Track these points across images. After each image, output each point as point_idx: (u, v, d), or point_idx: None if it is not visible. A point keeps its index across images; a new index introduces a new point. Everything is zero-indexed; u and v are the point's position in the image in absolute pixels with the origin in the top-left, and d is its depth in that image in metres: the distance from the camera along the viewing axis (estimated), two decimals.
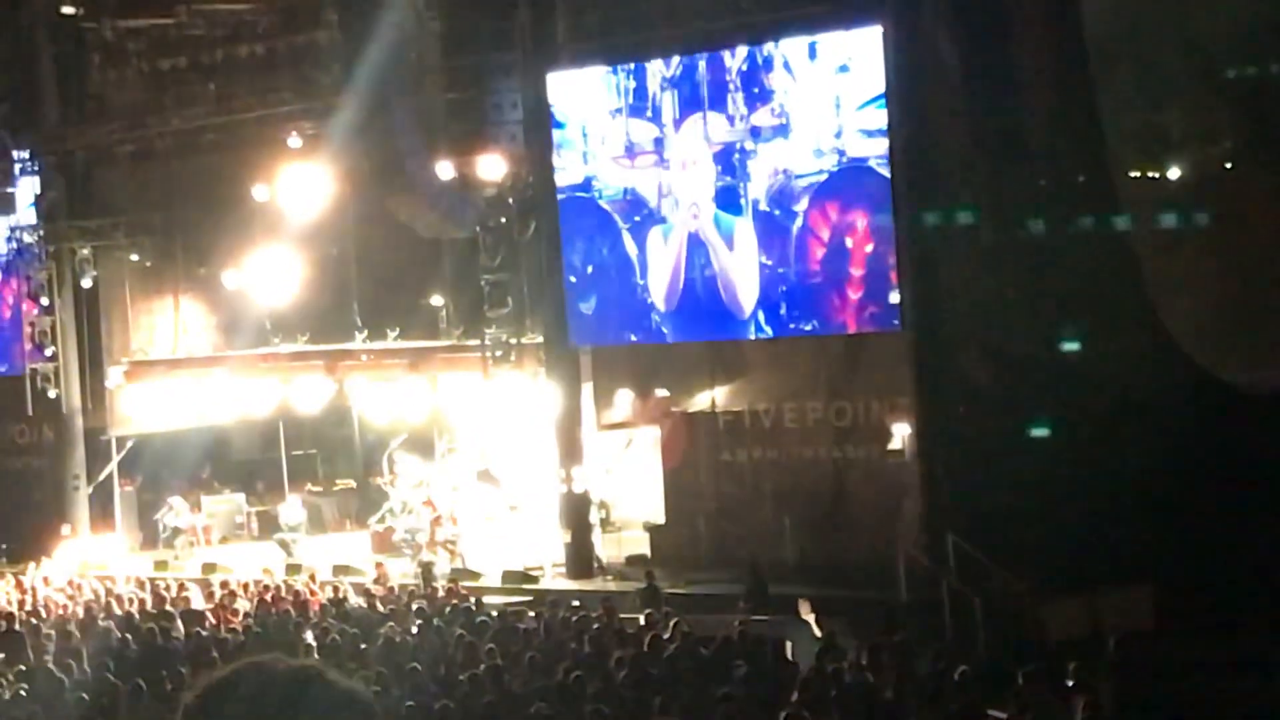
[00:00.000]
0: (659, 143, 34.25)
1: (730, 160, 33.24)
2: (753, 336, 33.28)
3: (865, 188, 31.34)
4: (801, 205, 32.26)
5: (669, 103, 33.94)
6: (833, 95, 31.63)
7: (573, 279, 35.08)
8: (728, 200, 33.32)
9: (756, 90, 32.74)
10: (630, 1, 33.50)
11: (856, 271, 31.68)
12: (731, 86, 33.05)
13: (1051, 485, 28.29)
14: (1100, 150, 31.35)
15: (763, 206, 32.83)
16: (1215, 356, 31.02)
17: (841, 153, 31.76)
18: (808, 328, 32.62)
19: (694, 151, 33.65)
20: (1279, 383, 31.01)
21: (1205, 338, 31.15)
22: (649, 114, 34.32)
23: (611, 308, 35.07)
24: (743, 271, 33.11)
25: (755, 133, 32.82)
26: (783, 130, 32.44)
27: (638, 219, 34.58)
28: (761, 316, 32.94)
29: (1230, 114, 33.49)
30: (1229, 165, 34.31)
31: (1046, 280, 30.24)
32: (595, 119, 34.81)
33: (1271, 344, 31.15)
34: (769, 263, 32.75)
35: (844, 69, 31.33)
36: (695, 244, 33.68)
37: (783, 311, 32.72)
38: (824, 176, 31.94)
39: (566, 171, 35.00)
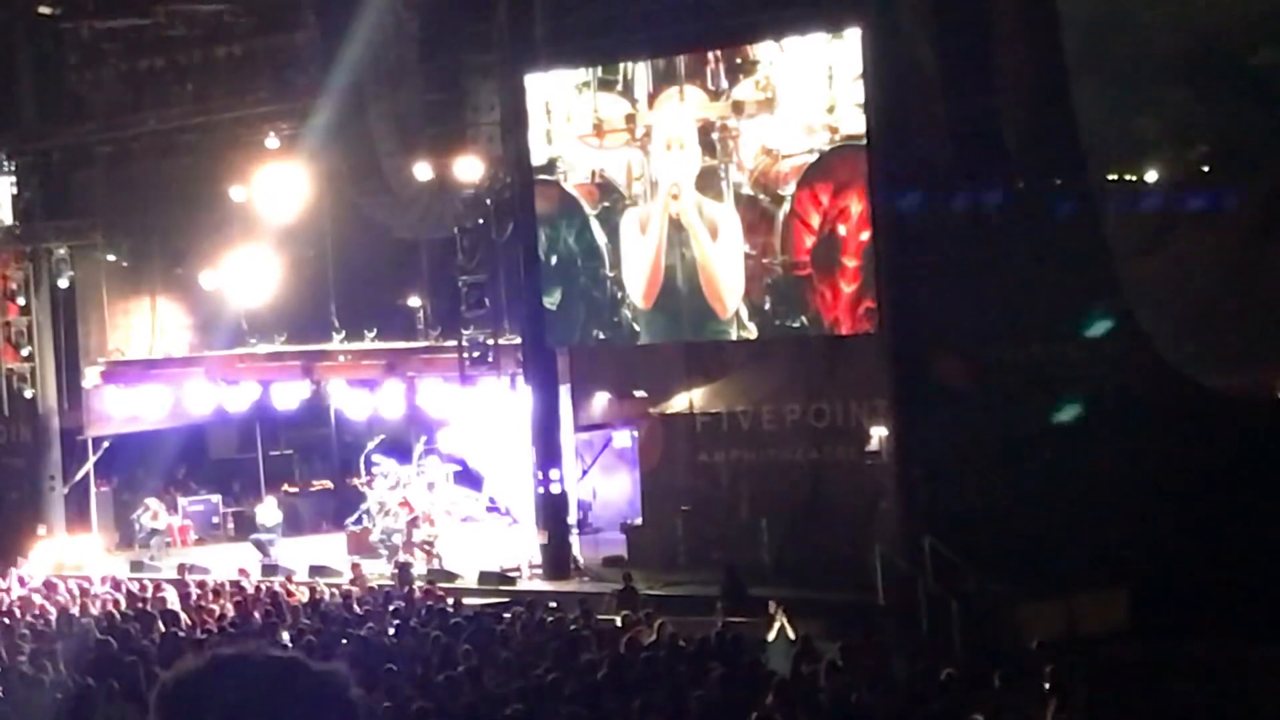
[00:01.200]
0: (631, 120, 32.45)
1: (710, 139, 31.40)
2: (735, 337, 32.17)
3: (861, 168, 29.76)
4: (789, 189, 30.49)
5: (642, 76, 32.26)
6: (824, 65, 29.86)
7: None
8: (707, 183, 31.49)
9: (739, 61, 30.97)
10: (609, 3, 33.36)
11: (850, 262, 30.11)
12: (711, 58, 31.35)
13: (1028, 487, 28.32)
14: (1078, 153, 31.32)
15: (746, 190, 31.06)
16: (1191, 360, 31.08)
17: (834, 129, 29.91)
18: (795, 325, 31.14)
19: (674, 129, 31.81)
20: (1254, 386, 31.10)
21: (1181, 341, 31.21)
22: (619, 88, 32.57)
23: (577, 302, 33.74)
24: (726, 263, 31.50)
25: (738, 109, 30.97)
26: (768, 106, 30.66)
27: (606, 204, 32.89)
28: (745, 313, 31.45)
29: (1207, 117, 33.55)
30: (1206, 169, 34.40)
31: (1023, 283, 30.23)
32: (560, 94, 33.26)
33: (1247, 348, 31.22)
34: (753, 253, 31.14)
35: (837, 35, 29.70)
36: (676, 231, 32.05)
37: (768, 307, 31.18)
38: (814, 156, 30.18)
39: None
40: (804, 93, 30.23)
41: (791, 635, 23.61)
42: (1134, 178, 34.26)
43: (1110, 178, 33.58)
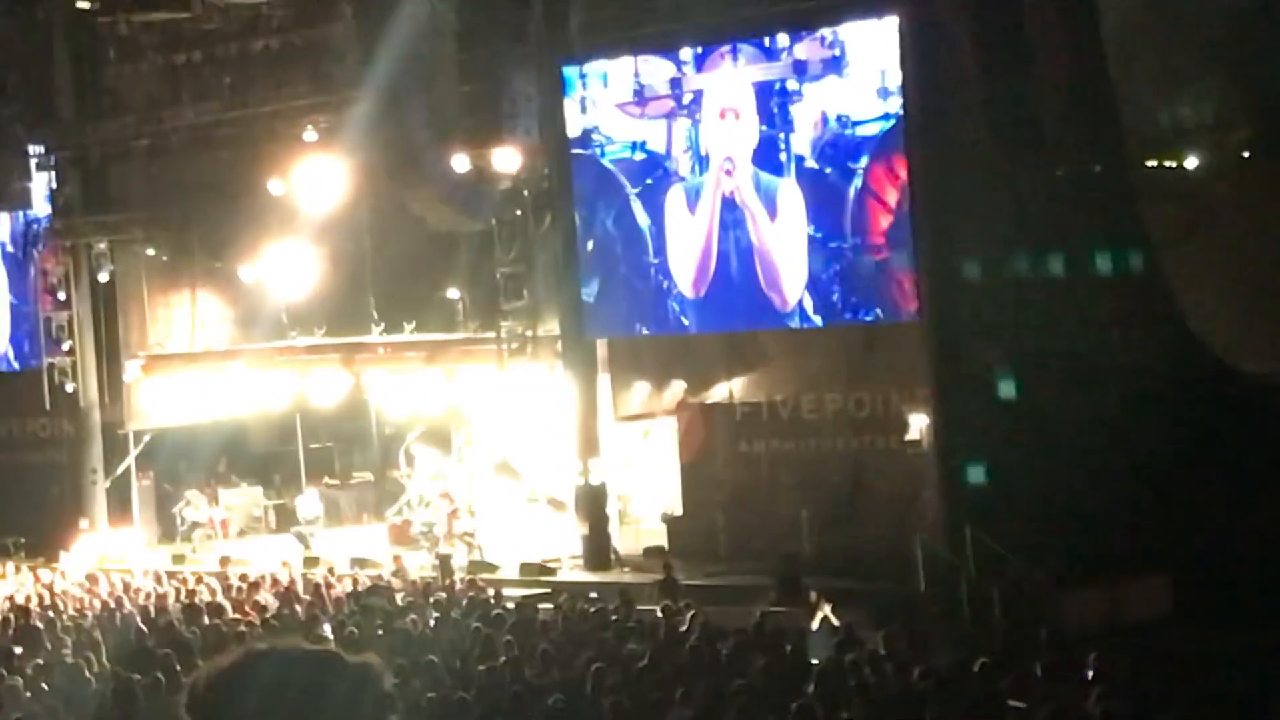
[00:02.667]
0: (676, 84, 29.95)
1: (768, 105, 28.53)
2: (798, 327, 30.45)
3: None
4: (861, 162, 27.86)
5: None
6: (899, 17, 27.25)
7: None
8: (765, 155, 28.74)
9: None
10: None
11: None
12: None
13: (1069, 475, 28.21)
14: (1116, 140, 31.14)
15: (809, 163, 28.32)
16: (1233, 347, 30.92)
17: None
18: (868, 318, 29.02)
19: (727, 93, 29.17)
20: None
21: (1223, 328, 31.05)
22: (663, 49, 30.09)
23: (619, 292, 32.43)
24: (787, 246, 28.95)
25: (800, 69, 28.12)
26: (835, 65, 27.84)
27: (649, 181, 30.59)
28: (809, 304, 29.28)
29: (1247, 103, 33.36)
30: (1246, 155, 34.21)
31: (1063, 271, 30.10)
32: (596, 58, 31.25)
33: None
34: (818, 235, 28.53)
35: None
36: (729, 210, 29.56)
37: (835, 297, 28.81)
38: (890, 124, 27.53)
39: None
40: (877, 49, 27.47)
41: (835, 623, 23.58)
42: (1174, 163, 34.07)
43: (1150, 163, 33.40)
